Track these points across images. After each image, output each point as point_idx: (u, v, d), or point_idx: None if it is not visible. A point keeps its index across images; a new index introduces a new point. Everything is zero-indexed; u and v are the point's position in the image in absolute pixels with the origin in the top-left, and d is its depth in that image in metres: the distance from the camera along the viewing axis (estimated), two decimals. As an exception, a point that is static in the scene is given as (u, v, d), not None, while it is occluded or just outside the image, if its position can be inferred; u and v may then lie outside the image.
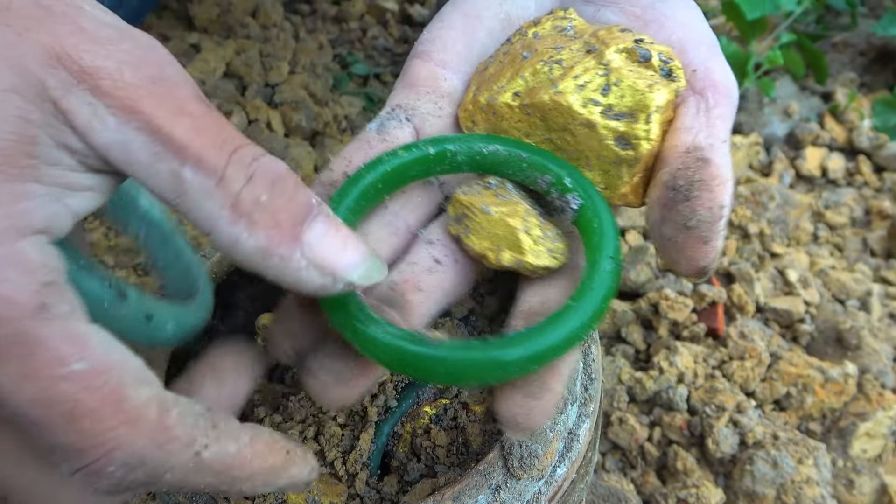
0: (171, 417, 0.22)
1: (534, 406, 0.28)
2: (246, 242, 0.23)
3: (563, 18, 0.37)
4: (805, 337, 0.72)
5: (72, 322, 0.21)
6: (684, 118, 0.33)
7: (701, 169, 0.30)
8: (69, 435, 0.21)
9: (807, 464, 0.58)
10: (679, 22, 0.36)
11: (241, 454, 0.24)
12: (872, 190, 0.95)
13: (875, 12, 1.26)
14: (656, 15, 0.36)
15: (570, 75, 0.33)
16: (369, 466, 0.38)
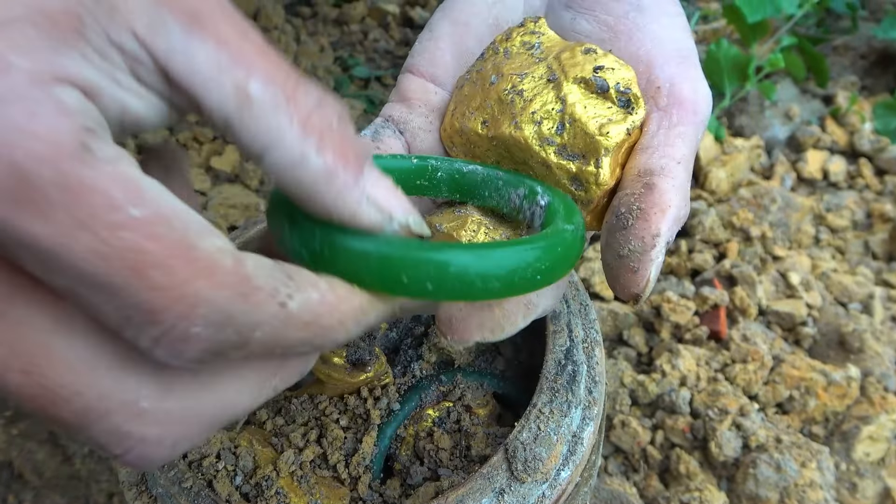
0: (248, 267, 0.19)
1: (472, 314, 0.29)
2: (313, 160, 0.21)
3: (533, 33, 0.36)
4: (807, 340, 0.72)
5: (121, 166, 0.18)
6: (644, 137, 0.32)
7: (643, 196, 0.30)
8: (141, 293, 0.17)
9: (810, 467, 0.58)
10: (650, 34, 0.35)
11: (326, 300, 0.22)
12: (874, 193, 0.95)
13: (876, 15, 1.26)
14: (628, 26, 0.35)
15: (529, 110, 0.32)
16: (372, 470, 0.38)
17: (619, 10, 0.36)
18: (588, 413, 0.37)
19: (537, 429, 0.34)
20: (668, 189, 0.30)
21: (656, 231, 0.29)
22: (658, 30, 0.35)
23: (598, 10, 0.36)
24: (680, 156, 0.31)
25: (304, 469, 0.37)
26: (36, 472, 0.71)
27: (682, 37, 0.35)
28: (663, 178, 0.30)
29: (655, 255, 0.28)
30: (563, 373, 0.37)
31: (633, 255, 0.29)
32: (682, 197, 0.30)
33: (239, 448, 0.36)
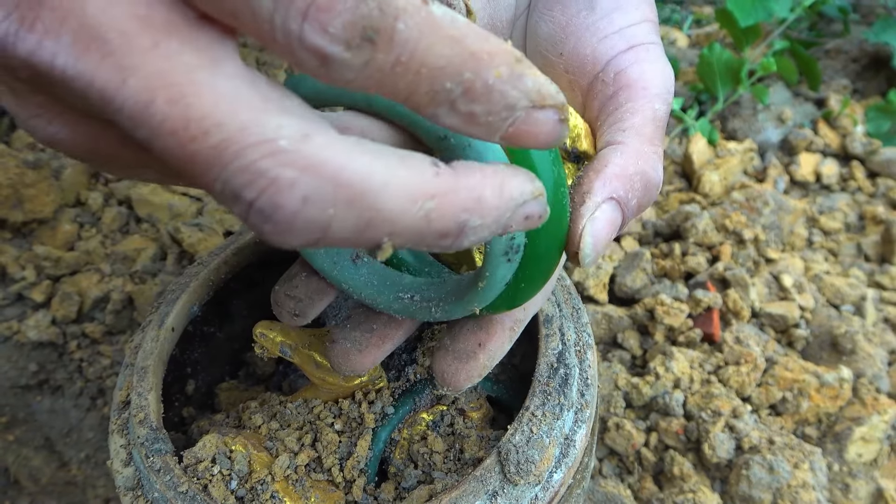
0: None
1: (460, 368, 0.33)
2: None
3: None
4: (800, 342, 0.72)
5: None
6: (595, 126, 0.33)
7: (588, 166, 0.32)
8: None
9: (803, 468, 0.58)
10: (599, 31, 0.35)
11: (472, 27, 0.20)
12: (866, 195, 0.96)
13: (867, 19, 1.27)
14: (578, 25, 0.35)
15: None
16: (367, 473, 0.38)
17: (572, 9, 0.36)
18: (580, 416, 0.37)
19: (530, 431, 0.35)
20: (607, 153, 0.31)
21: (587, 188, 0.30)
22: (606, 26, 0.35)
23: (556, 11, 0.37)
24: (628, 125, 0.32)
25: (299, 473, 0.37)
26: (32, 478, 0.71)
27: (634, 28, 0.35)
28: (608, 148, 0.31)
29: (585, 210, 0.29)
30: (555, 376, 0.37)
31: (572, 212, 0.30)
32: (628, 159, 0.31)
33: (234, 452, 0.36)
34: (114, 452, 0.38)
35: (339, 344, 0.36)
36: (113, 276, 0.75)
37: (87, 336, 0.72)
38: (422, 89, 0.19)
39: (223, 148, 0.18)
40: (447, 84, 0.19)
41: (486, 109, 0.20)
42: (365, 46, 0.18)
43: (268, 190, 0.18)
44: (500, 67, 0.20)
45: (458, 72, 0.19)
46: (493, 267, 0.27)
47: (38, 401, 0.72)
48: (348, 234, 0.19)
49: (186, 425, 0.46)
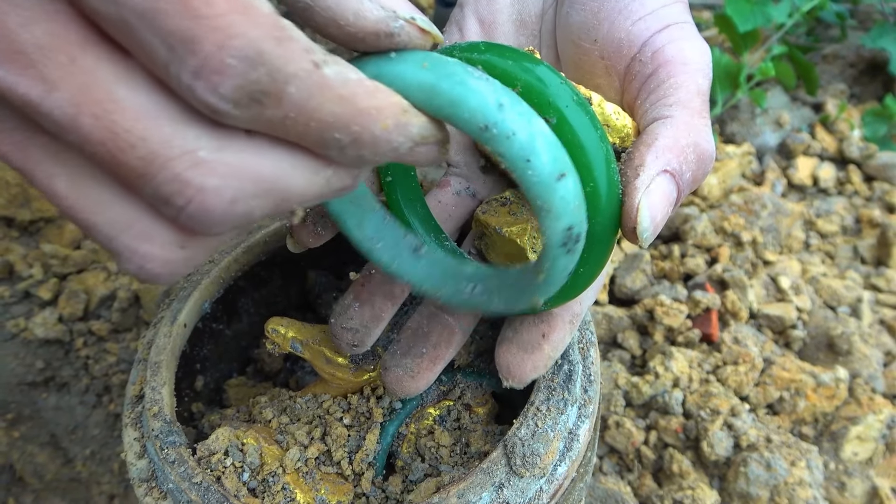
0: (283, 21, 0.20)
1: (526, 359, 0.34)
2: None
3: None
4: (797, 342, 0.73)
5: None
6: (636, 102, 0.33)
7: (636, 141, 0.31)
8: (184, 20, 0.18)
9: (799, 466, 0.59)
10: (631, 15, 0.35)
11: (364, 83, 0.21)
12: (862, 199, 0.97)
13: (864, 25, 1.29)
14: (609, 11, 0.35)
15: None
16: (375, 466, 0.39)
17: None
18: (584, 411, 0.38)
19: (535, 425, 0.36)
20: (655, 127, 0.31)
21: (640, 161, 0.29)
22: (639, 8, 0.35)
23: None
24: (673, 100, 0.32)
25: (309, 465, 0.38)
26: (36, 475, 0.72)
27: (667, 8, 0.35)
28: (657, 122, 0.31)
29: (640, 184, 0.28)
30: (559, 372, 0.38)
31: (624, 188, 0.29)
32: (679, 131, 0.30)
33: (246, 445, 0.37)
34: (127, 445, 0.38)
35: (391, 371, 0.36)
36: (119, 274, 0.75)
37: (94, 333, 0.73)
38: (311, 138, 0.21)
39: (150, 160, 0.20)
40: (336, 135, 0.21)
41: (373, 152, 0.22)
42: (254, 106, 0.20)
43: (196, 198, 0.20)
44: (387, 120, 0.22)
45: (347, 126, 0.21)
46: (553, 258, 0.25)
47: (44, 398, 0.73)
48: (268, 213, 0.22)
49: (196, 420, 0.47)
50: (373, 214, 0.33)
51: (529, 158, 0.22)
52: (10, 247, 0.76)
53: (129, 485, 0.69)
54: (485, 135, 0.22)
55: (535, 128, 0.22)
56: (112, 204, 0.22)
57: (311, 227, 0.36)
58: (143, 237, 0.22)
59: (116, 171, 0.20)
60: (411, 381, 0.36)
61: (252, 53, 0.19)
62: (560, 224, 0.24)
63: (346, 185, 0.24)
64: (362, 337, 0.37)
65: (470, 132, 0.22)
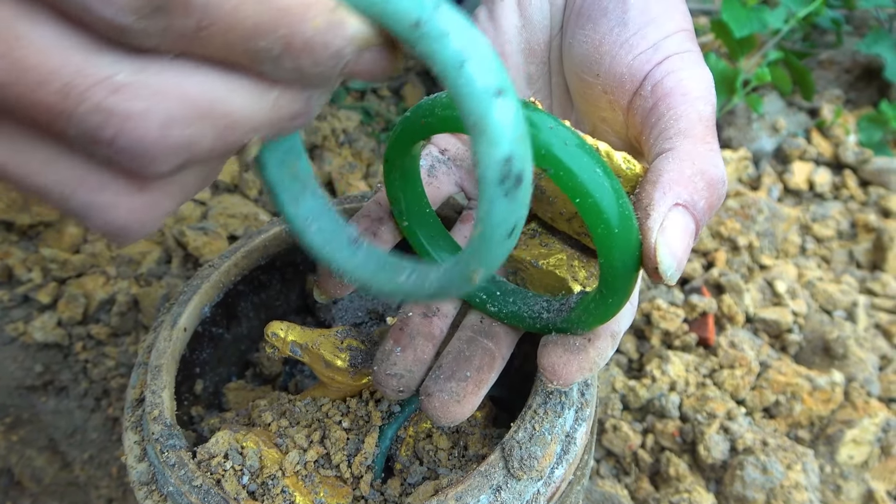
0: None
1: (572, 360, 0.33)
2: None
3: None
4: (793, 346, 0.74)
5: None
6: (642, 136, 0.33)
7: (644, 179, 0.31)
8: None
9: (795, 469, 0.60)
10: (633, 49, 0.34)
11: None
12: (858, 203, 0.98)
13: (860, 31, 1.30)
14: (611, 44, 0.35)
15: (557, 210, 0.36)
16: (373, 469, 0.39)
17: (604, 27, 0.35)
18: (581, 414, 0.39)
19: (532, 429, 0.36)
20: (658, 163, 0.30)
21: (648, 201, 0.29)
22: (640, 41, 0.34)
23: (588, 29, 0.36)
24: (674, 132, 0.31)
25: (309, 469, 0.38)
26: (35, 479, 0.72)
27: (667, 37, 0.34)
28: (659, 157, 0.31)
29: (653, 223, 0.28)
30: (556, 375, 0.38)
31: (641, 229, 0.29)
32: (682, 162, 0.30)
33: (245, 449, 0.37)
34: (128, 448, 0.39)
35: (436, 397, 0.34)
36: (118, 278, 0.76)
37: (93, 337, 0.73)
38: (237, 50, 0.19)
39: (65, 93, 0.18)
40: (262, 43, 0.19)
41: (312, 61, 0.20)
42: (158, 16, 0.18)
43: (124, 125, 0.19)
44: (316, 18, 0.19)
45: (273, 30, 0.19)
46: (489, 200, 0.21)
47: (42, 401, 0.73)
48: (212, 143, 0.20)
49: (195, 424, 0.47)
50: (312, 196, 0.30)
51: (463, 64, 0.19)
52: (9, 251, 0.77)
53: (127, 488, 0.69)
54: (415, 33, 0.19)
55: (472, 33, 0.20)
56: (54, 162, 0.20)
57: (336, 277, 0.37)
58: (95, 189, 0.21)
59: (35, 116, 0.19)
60: (457, 406, 0.34)
61: None
62: (497, 152, 0.20)
63: (299, 111, 0.22)
64: (408, 382, 0.36)
65: (400, 32, 0.20)
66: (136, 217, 0.22)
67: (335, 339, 0.40)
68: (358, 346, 0.40)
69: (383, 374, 0.36)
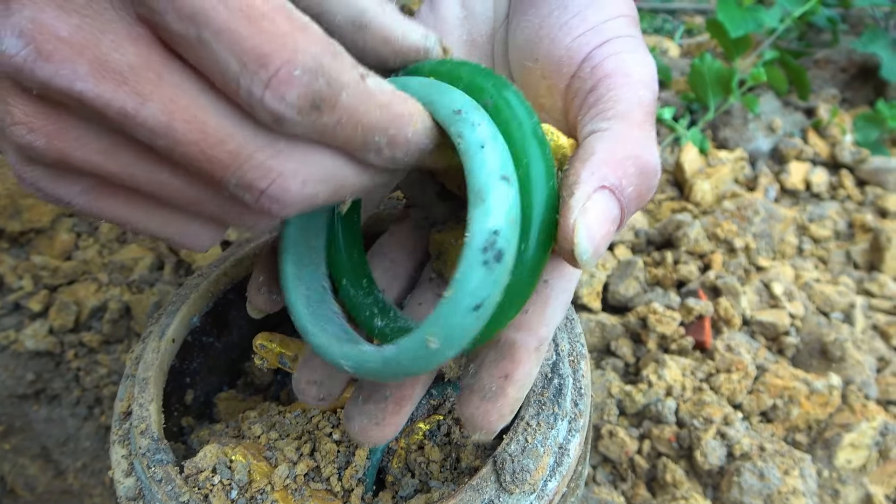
0: (332, 39, 0.24)
1: (490, 409, 0.30)
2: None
3: None
4: (790, 349, 0.73)
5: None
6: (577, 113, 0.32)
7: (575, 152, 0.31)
8: (254, 37, 0.22)
9: (793, 475, 0.59)
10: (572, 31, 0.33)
11: (397, 92, 0.25)
12: (855, 203, 0.97)
13: (856, 29, 1.29)
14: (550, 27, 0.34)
15: None
16: (365, 482, 0.39)
17: (544, 11, 0.34)
18: (574, 425, 0.38)
19: (525, 441, 0.35)
20: (591, 141, 0.29)
21: (573, 179, 0.27)
22: (579, 24, 0.33)
23: (530, 14, 0.35)
24: (612, 113, 0.30)
25: (298, 482, 0.38)
26: (28, 487, 0.71)
27: (608, 20, 0.33)
28: (592, 136, 0.29)
29: (575, 202, 0.27)
30: (549, 386, 0.38)
31: (560, 209, 0.27)
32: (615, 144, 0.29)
33: (234, 462, 0.37)
34: (115, 463, 0.38)
35: (354, 421, 0.32)
36: (110, 285, 0.75)
37: (85, 345, 0.72)
38: (356, 141, 0.25)
39: (237, 152, 0.24)
40: (376, 137, 0.25)
41: (405, 152, 0.26)
42: (313, 112, 0.23)
43: (278, 179, 0.24)
44: (417, 124, 0.26)
45: (386, 128, 0.25)
46: (467, 265, 0.23)
47: (35, 410, 0.73)
48: (327, 199, 0.26)
49: (186, 435, 0.47)
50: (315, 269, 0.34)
51: (484, 146, 0.24)
52: (0, 258, 0.76)
53: (120, 498, 0.69)
54: (455, 117, 0.26)
55: (494, 129, 0.26)
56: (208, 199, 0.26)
57: (266, 294, 0.37)
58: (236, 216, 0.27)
59: (205, 166, 0.24)
60: (377, 429, 0.32)
61: (314, 66, 0.22)
62: (488, 222, 0.23)
63: (385, 183, 0.29)
64: (329, 389, 0.34)
65: (444, 115, 0.26)
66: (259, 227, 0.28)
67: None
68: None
69: (303, 382, 0.35)
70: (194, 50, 0.22)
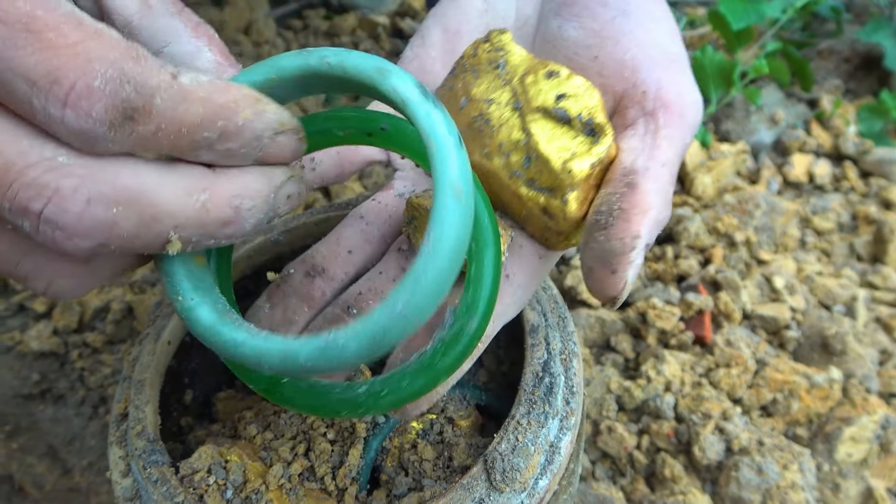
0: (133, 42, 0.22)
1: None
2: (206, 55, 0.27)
3: (497, 50, 0.35)
4: (791, 343, 0.73)
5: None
6: (629, 140, 0.33)
7: (625, 196, 0.30)
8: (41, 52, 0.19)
9: (791, 469, 0.59)
10: (636, 39, 0.35)
11: (216, 82, 0.23)
12: (859, 195, 0.97)
13: (860, 19, 1.28)
14: (614, 31, 0.35)
15: (497, 141, 0.33)
16: (359, 481, 0.39)
17: (605, 16, 0.36)
18: (565, 423, 0.38)
19: (515, 440, 0.36)
20: (650, 191, 0.30)
21: (636, 232, 0.29)
22: (644, 35, 0.35)
23: (585, 17, 0.36)
24: (665, 158, 0.31)
25: (293, 482, 0.38)
26: (36, 486, 0.72)
27: (670, 41, 0.35)
28: (646, 180, 0.30)
29: (634, 256, 0.29)
30: (540, 385, 0.38)
31: (613, 256, 0.29)
32: (663, 200, 0.30)
33: (229, 462, 0.37)
34: (113, 464, 0.39)
35: None
36: (113, 286, 0.76)
37: (89, 345, 0.73)
38: (183, 143, 0.23)
39: (6, 170, 0.21)
40: (205, 134, 0.23)
41: (240, 144, 0.24)
42: (127, 124, 0.21)
43: (53, 198, 0.21)
44: (246, 110, 0.24)
45: (213, 122, 0.23)
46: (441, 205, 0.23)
47: (41, 409, 0.74)
48: (134, 230, 0.22)
49: (184, 434, 0.47)
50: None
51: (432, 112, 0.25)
52: (4, 260, 0.77)
53: (125, 496, 0.70)
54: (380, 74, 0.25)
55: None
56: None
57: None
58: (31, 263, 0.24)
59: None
60: None
61: (116, 74, 0.20)
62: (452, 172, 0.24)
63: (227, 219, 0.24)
64: None
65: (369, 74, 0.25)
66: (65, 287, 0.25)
67: None
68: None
69: None
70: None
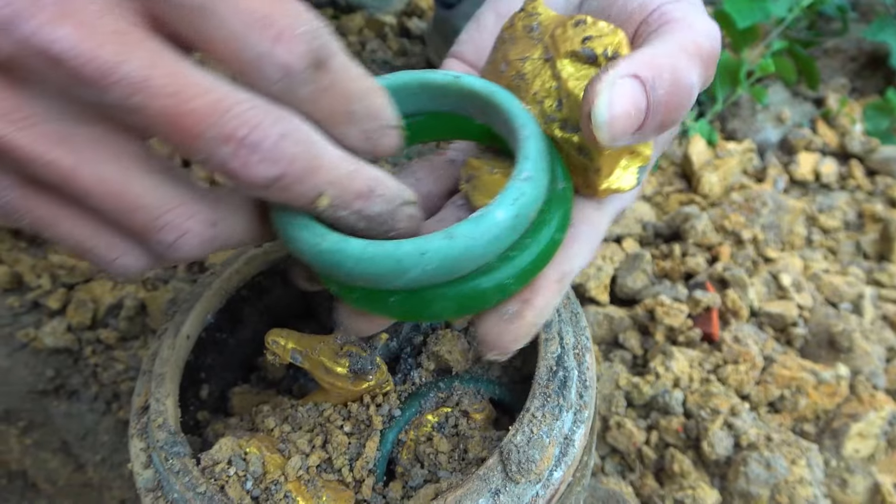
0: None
1: (506, 329, 0.32)
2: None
3: (531, 15, 0.36)
4: (798, 340, 0.74)
5: None
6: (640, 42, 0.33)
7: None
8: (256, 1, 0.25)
9: (799, 464, 0.60)
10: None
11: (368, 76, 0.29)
12: (865, 193, 0.97)
13: (866, 17, 1.28)
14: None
15: (531, 91, 0.34)
16: (375, 473, 0.40)
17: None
18: (579, 416, 0.39)
19: (530, 432, 0.36)
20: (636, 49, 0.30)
21: (612, 65, 0.29)
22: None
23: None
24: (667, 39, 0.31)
25: (311, 473, 0.39)
26: (49, 481, 0.73)
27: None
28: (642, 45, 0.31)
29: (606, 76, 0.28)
30: (554, 378, 0.39)
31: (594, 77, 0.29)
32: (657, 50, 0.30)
33: (248, 454, 0.38)
34: (134, 455, 0.39)
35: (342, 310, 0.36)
36: (126, 283, 0.77)
37: (102, 342, 0.74)
38: (340, 108, 0.28)
39: (217, 102, 0.24)
40: (355, 106, 0.28)
41: (376, 126, 0.29)
42: (314, 70, 0.26)
43: (257, 127, 0.25)
44: (381, 98, 0.29)
45: (361, 99, 0.28)
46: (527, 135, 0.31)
47: (54, 405, 0.74)
48: (303, 172, 0.26)
49: (202, 428, 0.48)
50: None
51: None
52: (18, 258, 0.78)
53: (139, 490, 0.70)
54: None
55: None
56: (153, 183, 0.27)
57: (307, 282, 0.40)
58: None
59: (179, 122, 0.24)
60: (367, 321, 0.36)
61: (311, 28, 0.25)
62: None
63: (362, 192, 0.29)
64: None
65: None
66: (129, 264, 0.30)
67: (335, 345, 0.40)
68: (358, 351, 0.40)
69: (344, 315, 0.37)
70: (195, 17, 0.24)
